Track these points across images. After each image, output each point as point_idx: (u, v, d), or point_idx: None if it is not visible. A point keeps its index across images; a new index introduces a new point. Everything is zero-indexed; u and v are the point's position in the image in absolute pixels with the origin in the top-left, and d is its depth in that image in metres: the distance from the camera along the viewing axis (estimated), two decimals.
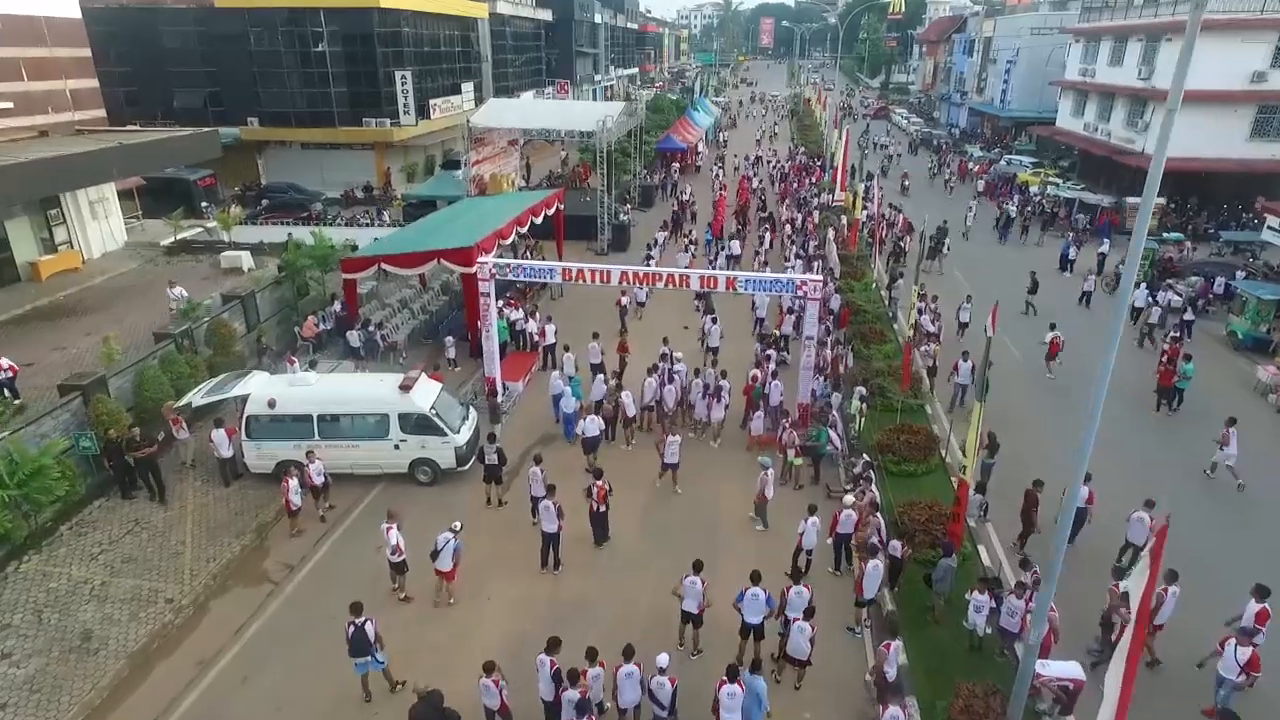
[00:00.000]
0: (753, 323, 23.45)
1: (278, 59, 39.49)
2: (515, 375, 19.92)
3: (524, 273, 17.28)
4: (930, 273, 31.33)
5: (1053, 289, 28.23)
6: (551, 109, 37.18)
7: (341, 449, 15.25)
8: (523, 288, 26.11)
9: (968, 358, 18.27)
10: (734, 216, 35.41)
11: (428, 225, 24.20)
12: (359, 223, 33.78)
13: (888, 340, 21.61)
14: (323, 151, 42.43)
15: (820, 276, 16.56)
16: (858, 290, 25.80)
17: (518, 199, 27.45)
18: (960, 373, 18.39)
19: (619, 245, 32.56)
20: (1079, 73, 48.21)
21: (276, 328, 21.94)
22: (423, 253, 20.59)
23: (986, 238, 35.39)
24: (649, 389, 17.19)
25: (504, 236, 22.54)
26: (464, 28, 49.95)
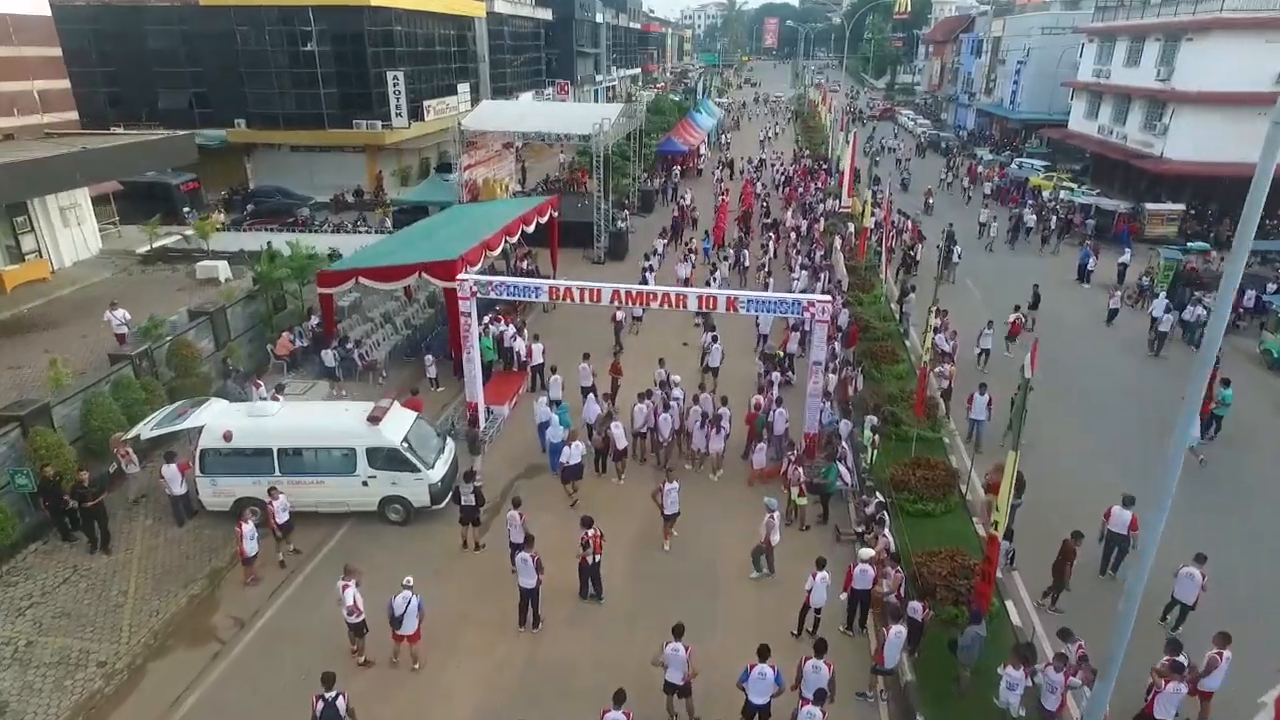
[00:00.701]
0: (756, 339, 22.09)
1: (265, 59, 38.25)
2: (500, 398, 18.60)
3: (507, 290, 15.95)
4: (942, 281, 30.04)
5: (1071, 302, 26.87)
6: (547, 111, 35.92)
7: (305, 485, 13.94)
8: (510, 306, 24.78)
9: (985, 391, 16.65)
10: (736, 223, 34.05)
11: (412, 234, 22.90)
12: (346, 229, 32.48)
13: (900, 360, 20.22)
14: (313, 154, 41.21)
15: (829, 296, 15.18)
16: (866, 304, 24.40)
17: (509, 206, 26.14)
18: (975, 408, 16.68)
19: (616, 254, 31.22)
20: (1093, 73, 46.78)
21: (249, 345, 20.65)
22: (403, 266, 19.28)
23: (999, 246, 33.96)
24: (639, 415, 15.85)
25: (491, 247, 21.23)
26: (460, 27, 48.67)
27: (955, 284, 29.58)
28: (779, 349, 19.80)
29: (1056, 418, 18.51)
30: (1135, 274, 28.24)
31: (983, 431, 16.55)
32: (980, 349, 21.03)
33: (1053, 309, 25.54)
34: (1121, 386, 20.76)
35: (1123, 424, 18.58)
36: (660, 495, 13.16)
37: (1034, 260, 31.84)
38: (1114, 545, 13.11)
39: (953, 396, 18.41)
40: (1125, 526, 12.83)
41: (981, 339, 21.08)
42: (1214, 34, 35.13)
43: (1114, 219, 35.26)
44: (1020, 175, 45.62)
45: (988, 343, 21.07)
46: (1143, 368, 22.14)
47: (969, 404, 16.81)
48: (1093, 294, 28.01)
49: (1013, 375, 17.71)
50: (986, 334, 21.05)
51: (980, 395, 16.54)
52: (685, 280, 27.09)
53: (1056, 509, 14.32)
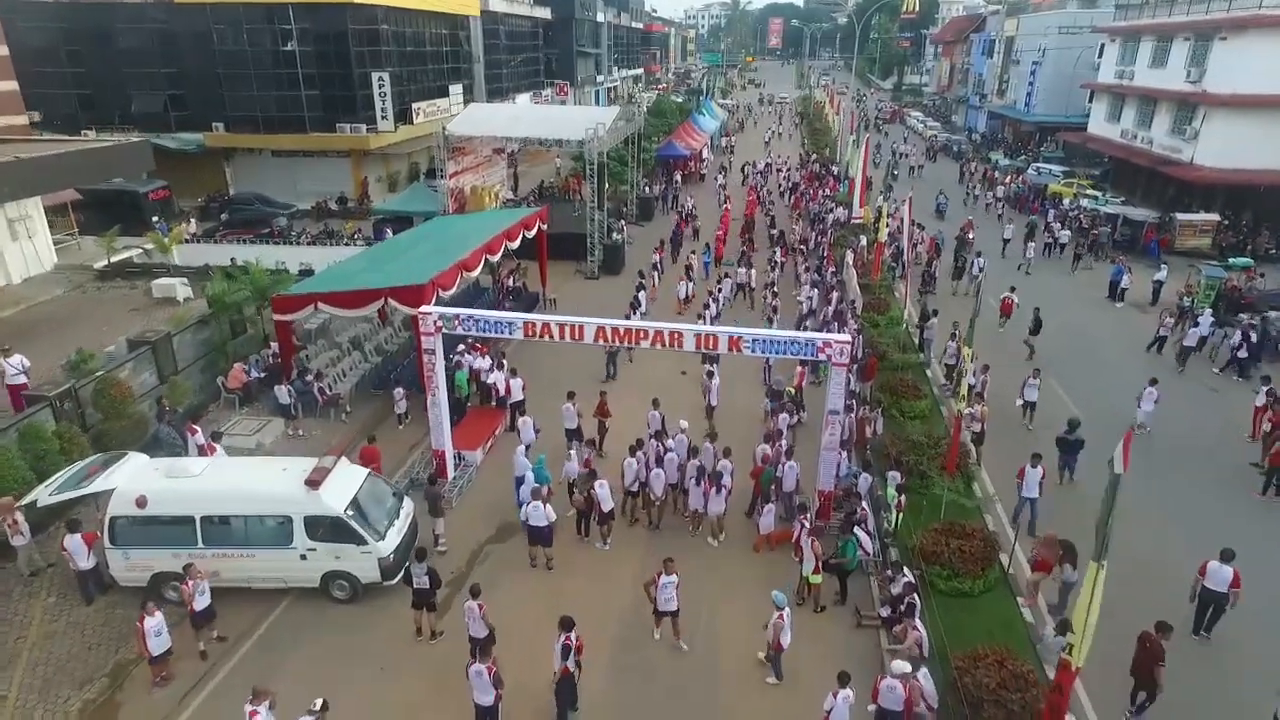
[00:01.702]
0: (762, 370, 20.00)
1: (244, 59, 36.22)
2: (474, 440, 16.52)
3: (476, 325, 13.89)
4: (956, 295, 27.94)
5: (1105, 325, 24.68)
6: (539, 115, 33.91)
7: (233, 559, 11.89)
8: None
9: (1039, 463, 13.74)
10: (739, 234, 31.95)
11: (382, 252, 20.85)
12: (324, 240, 30.45)
13: (922, 394, 18.13)
14: (295, 159, 39.18)
15: (848, 336, 13.08)
16: (883, 328, 22.33)
17: (494, 218, 24.07)
18: (1026, 483, 13.73)
19: (611, 268, 29.15)
20: (1115, 75, 44.55)
21: (201, 376, 18.61)
22: (367, 291, 17.21)
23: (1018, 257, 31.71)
24: (629, 471, 13.79)
25: (469, 267, 19.18)
26: (452, 26, 46.62)
27: (977, 297, 27.53)
28: (791, 385, 17.65)
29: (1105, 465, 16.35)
30: (1171, 292, 26.07)
31: (1036, 512, 13.90)
32: (1024, 400, 17.81)
33: (1085, 333, 23.44)
34: (1174, 421, 18.60)
35: (1185, 466, 16.45)
36: (654, 588, 11.01)
37: (1063, 278, 29.57)
38: (1209, 604, 11.60)
39: (985, 441, 16.32)
40: (1225, 584, 11.36)
41: (1026, 389, 17.73)
42: (1250, 33, 32.92)
43: (1142, 230, 33.10)
44: (1039, 181, 43.38)
45: (1033, 394, 17.67)
46: (1195, 399, 19.95)
47: (1019, 477, 13.90)
48: (1127, 314, 25.84)
49: (1051, 418, 15.97)
50: (1032, 384, 17.68)
51: (1033, 469, 13.67)
52: (685, 300, 25.09)
53: (1126, 584, 12.18)
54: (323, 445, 17.08)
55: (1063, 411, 18.06)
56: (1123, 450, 7.39)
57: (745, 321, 24.29)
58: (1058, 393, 19.48)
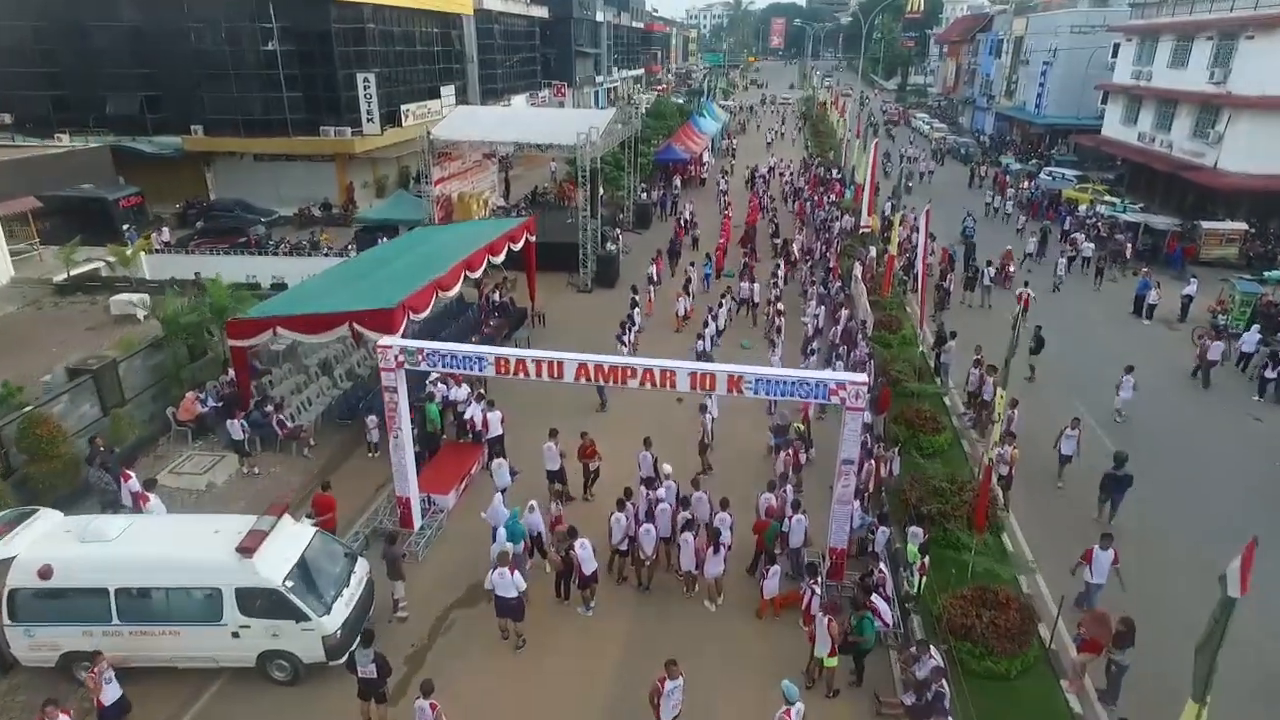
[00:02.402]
0: (768, 402, 18.34)
1: (222, 59, 34.67)
2: (446, 482, 14.91)
3: (442, 360, 12.27)
4: (969, 306, 26.33)
5: (1134, 344, 22.98)
6: (529, 118, 32.28)
7: (154, 637, 10.30)
8: (478, 342, 21.15)
9: (1109, 545, 11.51)
10: (739, 243, 30.31)
11: (354, 268, 19.23)
12: (304, 250, 28.84)
13: (941, 427, 16.50)
14: (278, 164, 37.65)
15: (864, 377, 11.45)
16: (895, 348, 20.71)
17: (477, 230, 22.48)
18: (1095, 567, 11.50)
19: (605, 280, 27.51)
20: (1131, 75, 42.89)
21: (152, 405, 17.01)
22: (329, 315, 15.60)
23: (1038, 270, 30.06)
24: (616, 528, 12.18)
25: (446, 287, 17.58)
26: (444, 25, 45.09)
27: (989, 309, 25.99)
28: (798, 420, 16.00)
29: (1156, 513, 14.76)
30: (1202, 308, 24.41)
31: (1095, 598, 11.68)
32: (1062, 453, 15.54)
33: (1111, 354, 21.74)
34: (1223, 459, 16.97)
35: (1245, 515, 14.82)
36: (659, 696, 9.25)
37: (1085, 292, 27.82)
38: None
39: (1014, 485, 14.68)
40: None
41: (1063, 440, 15.44)
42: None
43: (1165, 239, 31.41)
44: (1052, 187, 41.67)
45: (1070, 446, 15.39)
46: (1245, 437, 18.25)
47: (1086, 560, 11.61)
48: (1155, 332, 24.17)
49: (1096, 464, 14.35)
50: (1070, 435, 15.37)
51: (1103, 550, 11.50)
52: (683, 316, 23.48)
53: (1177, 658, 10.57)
54: (282, 484, 15.56)
55: (1095, 444, 16.48)
56: (1241, 568, 5.74)
57: (747, 336, 22.73)
58: (1087, 421, 17.85)
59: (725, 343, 22.59)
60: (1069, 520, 14.55)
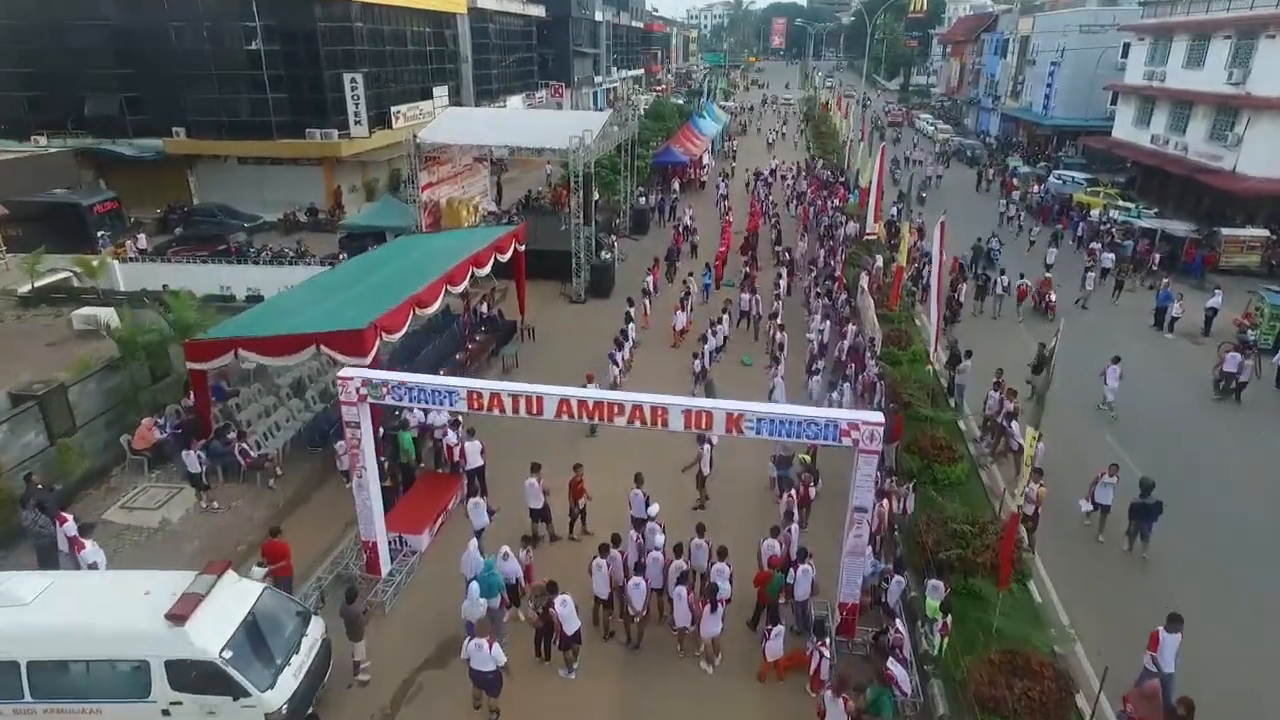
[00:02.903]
0: None
1: (205, 59, 33.42)
2: (420, 520, 13.67)
3: (408, 393, 11.05)
4: (980, 316, 25.15)
5: (1155, 362, 21.74)
6: (522, 120, 31.06)
7: (74, 715, 9.08)
8: (463, 359, 19.94)
9: (1177, 627, 9.89)
10: (740, 250, 29.07)
11: (325, 283, 17.98)
12: (287, 259, 27.64)
13: (957, 455, 15.24)
14: (263, 167, 36.39)
15: (880, 417, 10.22)
16: (905, 365, 19.48)
17: (463, 240, 21.23)
18: (1162, 654, 9.89)
19: (600, 290, 26.28)
20: (1144, 76, 41.64)
21: (106, 432, 15.82)
22: (295, 336, 14.38)
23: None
24: (598, 578, 10.96)
25: (423, 304, 16.34)
26: (436, 24, 43.85)
27: (998, 319, 24.83)
28: (804, 451, 14.75)
29: (1188, 544, 13.57)
30: (1227, 321, 23.15)
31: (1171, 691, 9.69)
32: (1099, 503, 13.76)
33: (1132, 371, 20.49)
34: (1256, 483, 15.76)
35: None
36: None
37: (1102, 305, 26.49)
38: None
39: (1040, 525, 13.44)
40: None
41: (1099, 488, 13.66)
42: None
43: (1183, 246, 30.16)
44: (1062, 191, 40.40)
45: (1107, 495, 13.59)
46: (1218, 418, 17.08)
47: (1151, 648, 10.00)
48: (1178, 347, 22.91)
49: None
50: (1106, 483, 13.60)
51: (1170, 633, 9.89)
52: (681, 331, 22.25)
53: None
54: (243, 519, 14.36)
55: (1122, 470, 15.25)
56: None
57: (749, 351, 21.51)
58: (1113, 447, 16.65)
59: (725, 358, 21.40)
60: (1100, 558, 13.36)
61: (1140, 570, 13.22)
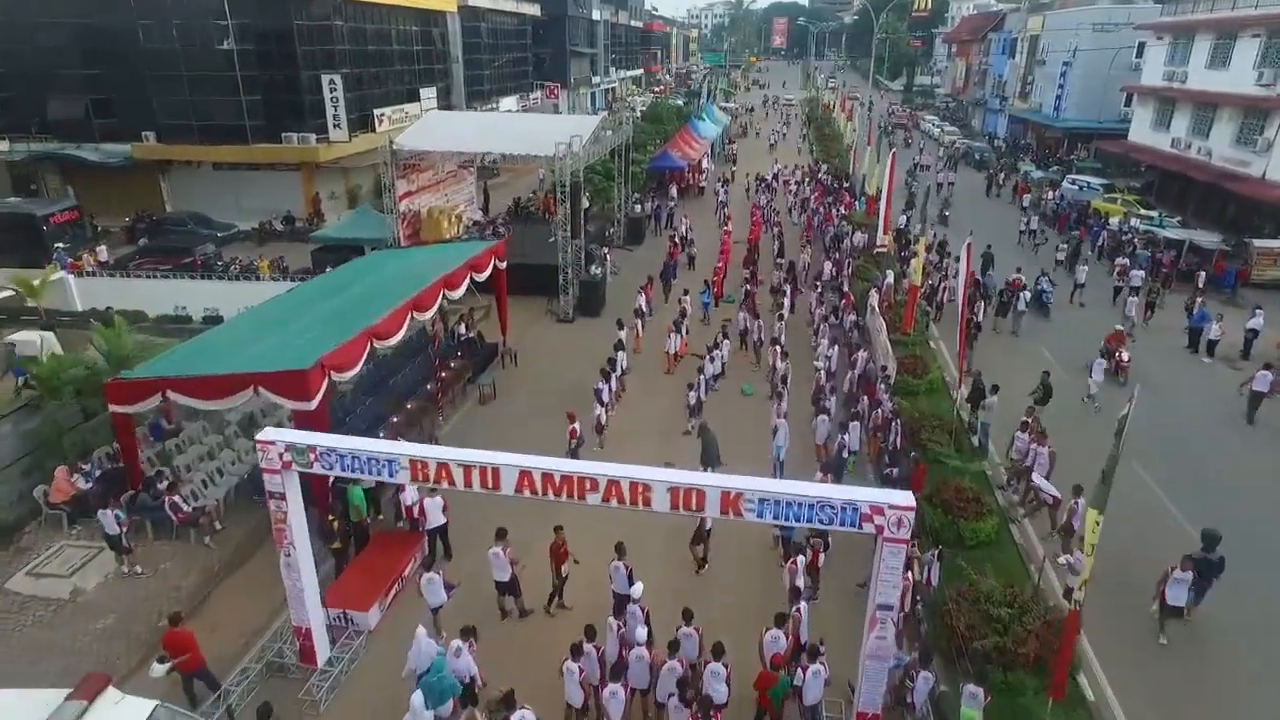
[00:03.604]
0: (772, 466, 15.33)
1: (175, 59, 31.66)
2: (369, 593, 11.82)
3: (341, 463, 9.24)
4: (1000, 333, 23.37)
5: (1192, 390, 19.87)
6: (507, 125, 29.18)
7: None
8: (435, 389, 18.11)
9: None
10: (742, 264, 27.20)
11: (275, 310, 16.13)
12: (254, 273, 25.86)
13: (985, 510, 13.41)
14: (239, 173, 34.70)
15: (909, 499, 8.40)
16: (923, 395, 17.68)
17: (436, 258, 19.41)
18: None
19: (589, 307, 24.45)
20: (1163, 76, 39.77)
21: (22, 482, 14.00)
22: (230, 376, 12.59)
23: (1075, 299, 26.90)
24: (569, 680, 9.14)
25: (382, 335, 14.54)
26: (424, 22, 42.09)
27: (1018, 335, 23.09)
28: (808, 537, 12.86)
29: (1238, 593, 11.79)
30: (1272, 344, 21.31)
31: None
32: (1169, 604, 11.28)
33: (1169, 403, 18.68)
34: None
35: None
36: None
37: (1110, 310, 24.76)
38: None
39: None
40: None
41: (1171, 585, 11.20)
42: None
43: (1212, 259, 28.29)
44: (1079, 197, 38.50)
45: (1180, 595, 11.19)
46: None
47: None
48: (1217, 372, 21.04)
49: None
50: (1179, 579, 11.17)
51: None
52: (676, 356, 20.43)
53: None
54: (170, 587, 12.52)
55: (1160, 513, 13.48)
56: None
57: (750, 378, 19.68)
58: (1151, 488, 14.89)
59: (725, 384, 19.60)
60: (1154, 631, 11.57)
61: (1204, 649, 11.38)
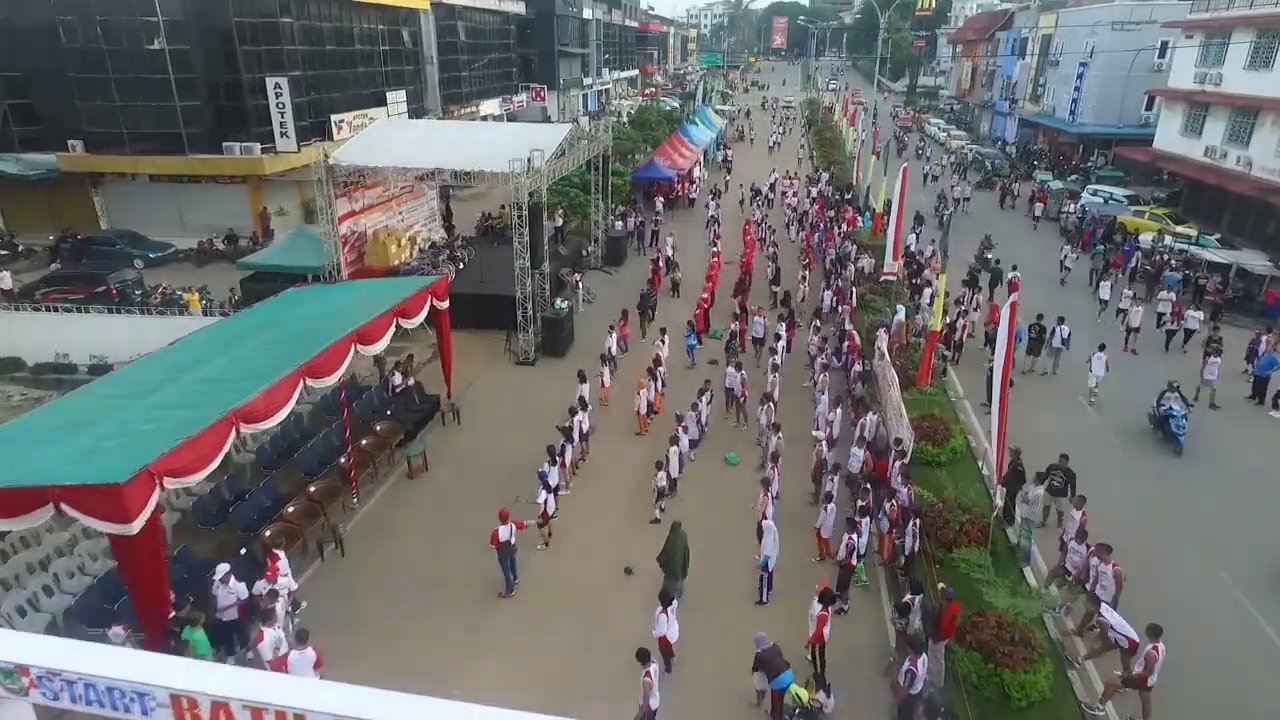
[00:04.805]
0: (759, 583, 12.04)
1: (101, 60, 28.38)
2: None
3: (70, 695, 6.03)
4: (1032, 373, 20.19)
5: (1264, 452, 16.59)
6: (463, 136, 25.60)
7: None
8: (344, 472, 14.83)
9: None
10: (732, 293, 23.85)
11: (141, 374, 12.77)
12: (177, 304, 22.62)
13: (1036, 650, 10.13)
14: (180, 186, 31.48)
15: None
16: (944, 468, 14.44)
17: (362, 299, 16.13)
18: None
19: (554, 347, 21.17)
20: (1195, 78, 36.48)
21: None
22: (21, 489, 9.34)
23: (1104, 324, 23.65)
24: None
25: (256, 417, 11.28)
26: (391, 20, 38.83)
27: (1054, 375, 19.97)
28: (806, 695, 9.52)
29: None
30: None
31: None
32: None
33: (1238, 467, 15.39)
34: None
35: None
36: None
37: (1166, 359, 21.51)
38: None
39: None
40: None
41: None
42: None
43: (1262, 286, 25.03)
44: (1105, 211, 35.16)
45: None
46: None
47: None
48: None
49: None
50: None
51: None
52: (649, 413, 17.16)
53: None
54: None
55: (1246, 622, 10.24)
56: None
57: (736, 442, 16.40)
58: (1224, 583, 11.65)
59: (707, 450, 16.35)
60: None
61: None
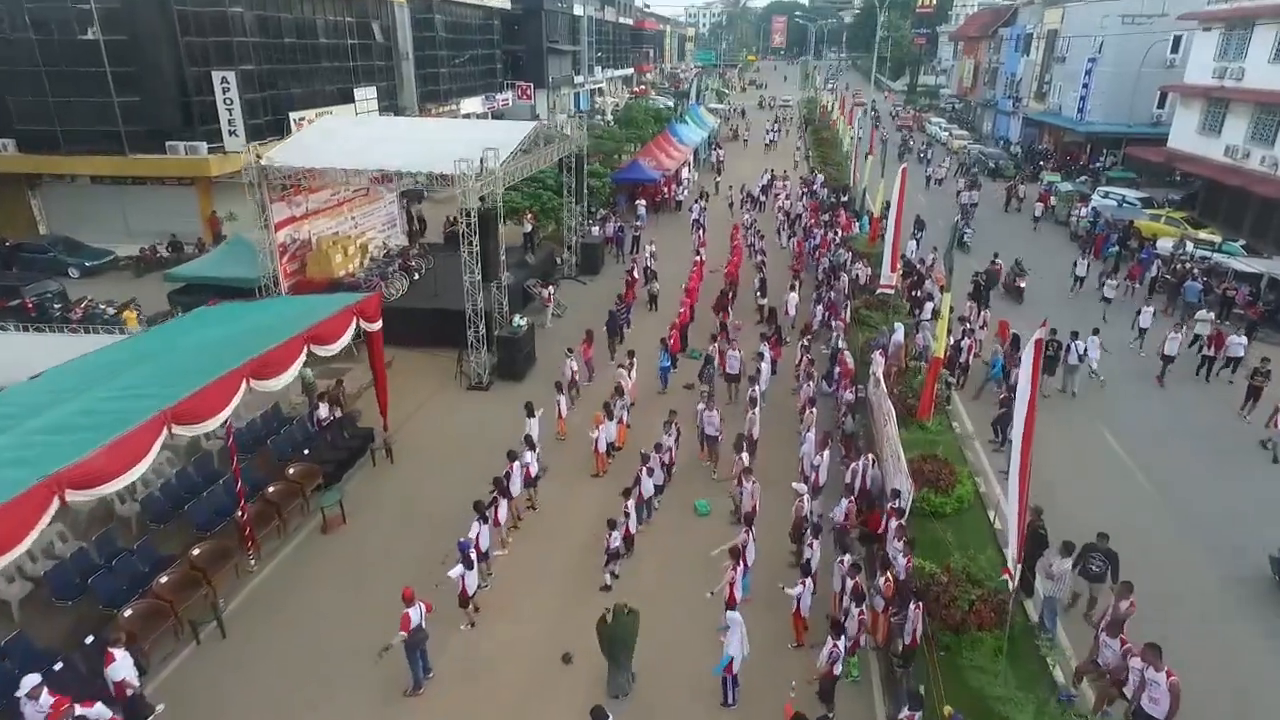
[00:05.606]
0: (723, 684, 9.79)
1: (30, 51, 26.06)
2: None
3: None
4: (1049, 397, 17.93)
5: None
6: (416, 134, 23.10)
7: None
8: (243, 519, 12.56)
9: None
10: (713, 307, 21.58)
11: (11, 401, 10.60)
12: (97, 322, 20.37)
13: None
14: (124, 188, 29.22)
15: None
16: (949, 520, 12.17)
17: (270, 323, 13.88)
18: None
19: (513, 370, 18.89)
20: (1214, 74, 34.21)
21: None
22: None
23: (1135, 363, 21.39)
24: None
25: (92, 481, 9.02)
26: (360, 12, 36.62)
27: (1073, 397, 17.86)
28: None
29: None
30: None
31: None
32: None
33: None
34: None
35: None
36: None
37: (1200, 392, 19.22)
38: None
39: None
40: None
41: None
42: None
43: None
44: (1120, 215, 32.86)
45: None
46: None
47: None
48: None
49: None
50: None
51: None
52: (609, 452, 14.89)
53: None
54: None
55: None
56: None
57: (707, 490, 14.10)
58: None
59: (673, 498, 14.09)
60: None
61: None
